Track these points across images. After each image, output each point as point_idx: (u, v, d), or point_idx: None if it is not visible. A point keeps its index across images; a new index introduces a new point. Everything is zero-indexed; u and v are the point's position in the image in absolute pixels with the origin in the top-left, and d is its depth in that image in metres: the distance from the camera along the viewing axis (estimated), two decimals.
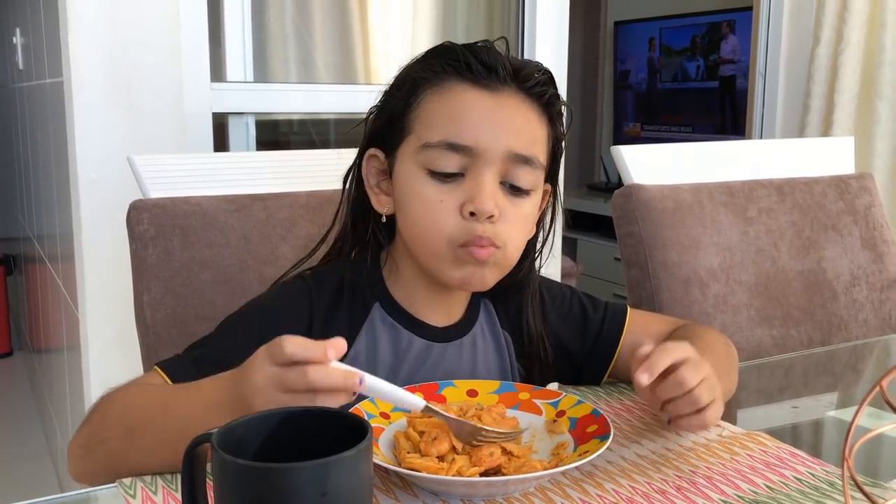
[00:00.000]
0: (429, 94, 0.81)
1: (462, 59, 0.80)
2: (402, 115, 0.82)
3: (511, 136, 0.79)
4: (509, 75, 0.80)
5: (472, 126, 0.78)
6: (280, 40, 1.93)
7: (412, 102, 0.82)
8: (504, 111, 0.80)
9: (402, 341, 0.88)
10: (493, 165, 0.79)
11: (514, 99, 0.81)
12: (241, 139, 1.82)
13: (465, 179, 0.79)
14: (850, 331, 1.38)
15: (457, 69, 0.80)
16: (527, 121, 0.81)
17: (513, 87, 0.81)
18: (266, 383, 0.63)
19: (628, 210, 1.27)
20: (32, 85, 2.32)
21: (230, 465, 0.49)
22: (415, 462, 0.69)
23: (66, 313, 1.99)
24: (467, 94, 0.80)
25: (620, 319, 0.96)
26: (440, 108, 0.80)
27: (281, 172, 1.17)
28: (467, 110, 0.79)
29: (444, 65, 0.81)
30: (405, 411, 0.80)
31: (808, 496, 0.71)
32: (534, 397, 0.84)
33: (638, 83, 4.18)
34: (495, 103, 0.80)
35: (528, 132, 0.81)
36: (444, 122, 0.79)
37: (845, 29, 2.27)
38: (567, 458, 0.73)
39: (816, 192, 1.42)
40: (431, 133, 0.79)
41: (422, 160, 0.80)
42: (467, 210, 0.78)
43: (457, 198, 0.79)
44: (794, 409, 0.99)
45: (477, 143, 0.78)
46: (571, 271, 2.84)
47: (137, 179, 1.09)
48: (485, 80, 0.79)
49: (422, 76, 0.81)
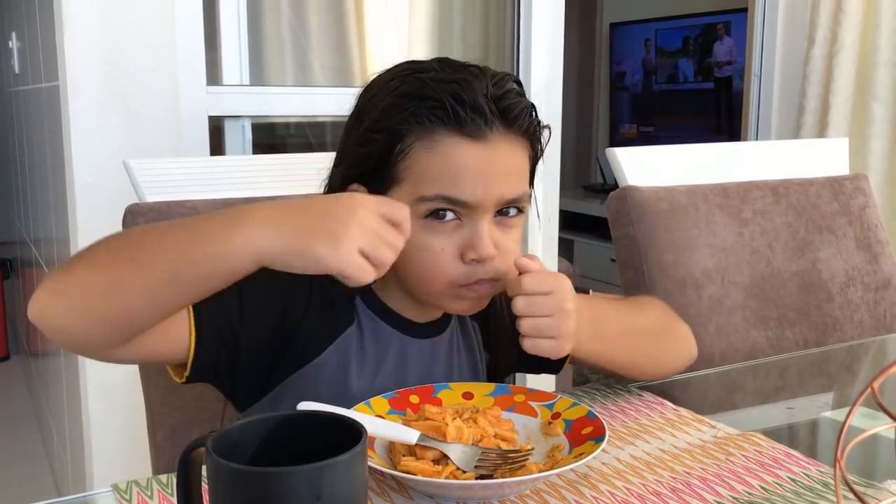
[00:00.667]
0: (417, 145, 0.79)
1: (448, 106, 0.78)
2: (387, 162, 0.81)
3: (503, 184, 0.80)
4: (495, 115, 0.79)
5: (468, 183, 0.78)
6: (276, 43, 1.93)
7: (398, 152, 0.80)
8: (496, 160, 0.80)
9: (384, 336, 0.88)
10: (488, 213, 0.81)
11: (502, 143, 0.80)
12: (238, 142, 1.82)
13: (462, 225, 0.81)
14: (845, 331, 1.39)
15: (443, 118, 0.78)
16: (515, 162, 0.82)
17: (499, 126, 0.80)
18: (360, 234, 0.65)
19: (623, 212, 1.27)
20: (29, 89, 2.32)
21: (224, 469, 0.49)
22: (410, 465, 0.69)
23: None
24: (460, 150, 0.78)
25: None
26: (433, 164, 0.79)
27: (277, 176, 1.17)
28: (462, 167, 0.78)
29: (428, 114, 0.78)
30: (400, 414, 0.80)
31: (802, 497, 0.71)
32: (529, 399, 0.84)
33: (634, 85, 4.18)
34: (487, 155, 0.79)
35: (517, 173, 0.82)
36: (439, 178, 0.79)
37: (840, 30, 2.27)
38: (562, 460, 0.74)
39: (811, 193, 1.42)
40: (426, 187, 0.79)
41: (417, 211, 0.79)
42: (469, 257, 0.80)
43: (456, 244, 0.80)
44: (789, 409, 0.99)
45: (474, 197, 0.79)
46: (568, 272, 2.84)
47: (133, 183, 1.10)
48: (473, 129, 0.78)
49: (406, 126, 0.79)
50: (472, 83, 0.79)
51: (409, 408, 0.81)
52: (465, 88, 0.78)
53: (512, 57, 2.13)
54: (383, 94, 0.82)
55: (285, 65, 1.96)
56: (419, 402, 0.82)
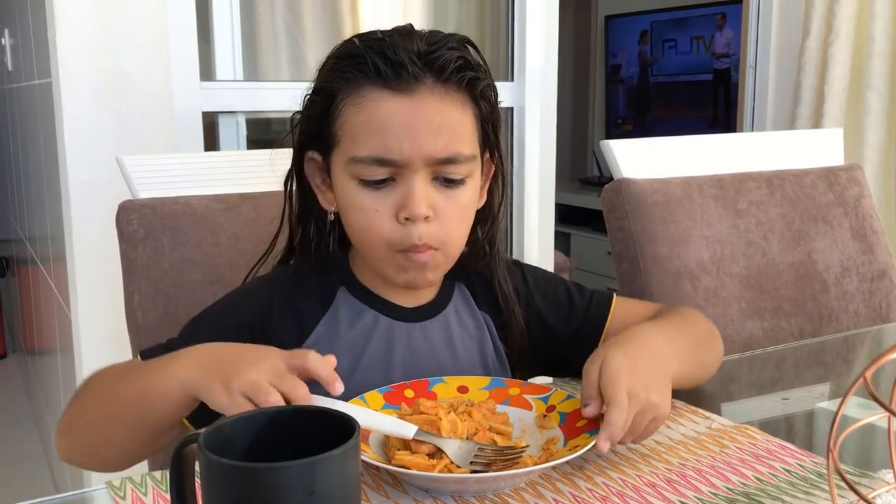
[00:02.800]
0: (347, 103, 0.81)
1: (370, 62, 0.78)
2: (325, 122, 0.83)
3: (432, 140, 0.79)
4: (421, 69, 0.79)
5: (393, 138, 0.78)
6: (270, 38, 1.92)
7: (333, 111, 0.82)
8: (421, 114, 0.79)
9: (367, 321, 0.88)
10: (419, 171, 0.80)
11: (431, 96, 0.79)
12: (232, 138, 1.82)
13: (396, 184, 0.81)
14: (840, 322, 1.39)
15: (367, 73, 0.79)
16: (446, 117, 0.80)
17: (428, 79, 0.79)
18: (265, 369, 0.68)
19: (618, 204, 1.27)
20: (22, 86, 2.31)
21: (217, 465, 0.49)
22: (405, 459, 0.69)
23: (58, 315, 1.98)
24: (384, 104, 0.79)
25: (606, 304, 0.97)
26: (361, 121, 0.80)
27: (270, 171, 1.17)
28: (386, 122, 0.79)
29: (354, 70, 0.80)
30: (395, 408, 0.80)
31: (797, 487, 0.71)
32: (524, 393, 0.84)
33: (629, 77, 4.18)
34: (412, 108, 0.78)
35: (448, 130, 0.80)
36: (368, 137, 0.79)
37: (835, 21, 2.27)
38: (557, 452, 0.74)
39: (806, 183, 1.42)
40: (357, 148, 0.80)
41: (352, 171, 0.81)
42: (402, 216, 0.80)
43: (391, 204, 0.81)
44: (784, 400, 0.99)
45: (401, 154, 0.79)
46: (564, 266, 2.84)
47: (126, 180, 1.09)
48: (397, 82, 0.78)
49: (336, 84, 0.81)
50: (398, 40, 0.80)
51: (404, 402, 0.81)
52: (390, 45, 0.80)
53: (507, 50, 2.13)
54: (326, 62, 0.85)
55: (279, 60, 1.95)
56: (414, 396, 0.81)
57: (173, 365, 0.73)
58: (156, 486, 0.71)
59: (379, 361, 0.88)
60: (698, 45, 3.78)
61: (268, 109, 1.94)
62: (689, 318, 0.93)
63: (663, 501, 0.69)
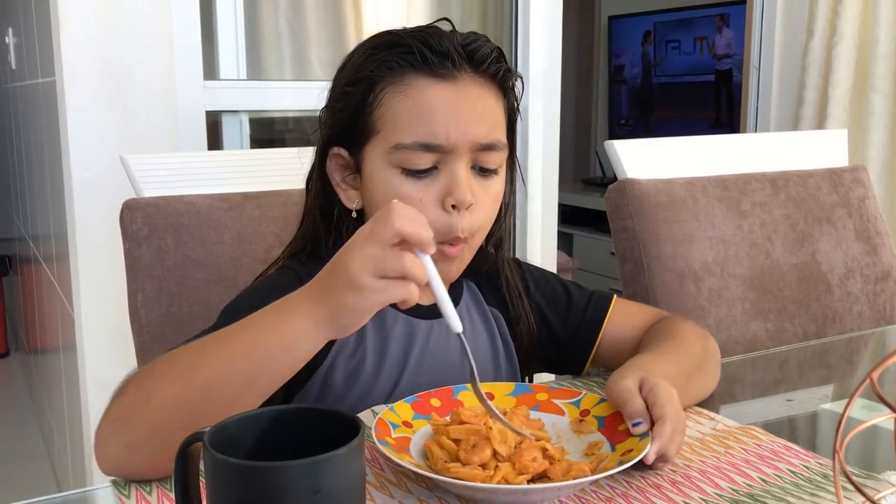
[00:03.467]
0: (389, 91, 0.81)
1: (416, 50, 0.80)
2: (362, 113, 0.83)
3: (475, 126, 0.81)
4: (463, 59, 0.81)
5: (440, 123, 0.80)
6: (273, 37, 1.92)
7: (372, 101, 0.82)
8: (466, 101, 0.81)
9: (389, 319, 0.88)
10: (464, 157, 0.81)
11: (472, 85, 0.82)
12: (235, 137, 1.82)
13: (439, 172, 0.81)
14: (844, 323, 1.39)
15: (411, 62, 0.81)
16: (487, 105, 0.83)
17: (468, 70, 0.82)
18: (361, 241, 0.64)
19: (622, 204, 1.27)
20: (25, 85, 2.31)
21: (221, 463, 0.49)
22: (460, 472, 0.67)
23: (61, 313, 1.99)
24: (430, 90, 0.80)
25: (604, 306, 0.97)
26: (405, 108, 0.80)
27: (274, 170, 1.17)
28: (433, 108, 0.80)
29: (398, 59, 0.81)
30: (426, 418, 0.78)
31: (802, 489, 0.71)
32: (553, 398, 0.82)
33: (632, 78, 4.17)
34: (456, 94, 0.81)
35: (489, 117, 0.83)
36: (413, 123, 0.80)
37: (839, 21, 2.27)
38: (610, 457, 0.72)
39: (810, 184, 1.42)
40: (401, 134, 0.80)
41: (395, 160, 0.81)
42: (448, 203, 0.81)
43: (435, 193, 0.81)
44: (788, 402, 0.99)
45: (448, 139, 0.80)
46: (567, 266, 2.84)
47: (130, 178, 1.09)
48: (441, 70, 0.80)
49: (377, 73, 0.81)
50: (441, 32, 0.82)
51: (434, 412, 0.79)
52: (434, 35, 0.81)
53: (510, 50, 2.13)
54: (357, 55, 0.85)
55: (283, 59, 1.95)
56: (441, 405, 0.80)
57: (283, 318, 0.66)
58: (160, 485, 0.70)
59: (398, 359, 0.88)
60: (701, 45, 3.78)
61: (271, 108, 1.94)
62: (685, 346, 0.90)
63: (668, 503, 0.68)
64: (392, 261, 0.63)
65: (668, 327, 0.94)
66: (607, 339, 0.95)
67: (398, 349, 0.88)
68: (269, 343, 0.67)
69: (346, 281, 0.64)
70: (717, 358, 0.95)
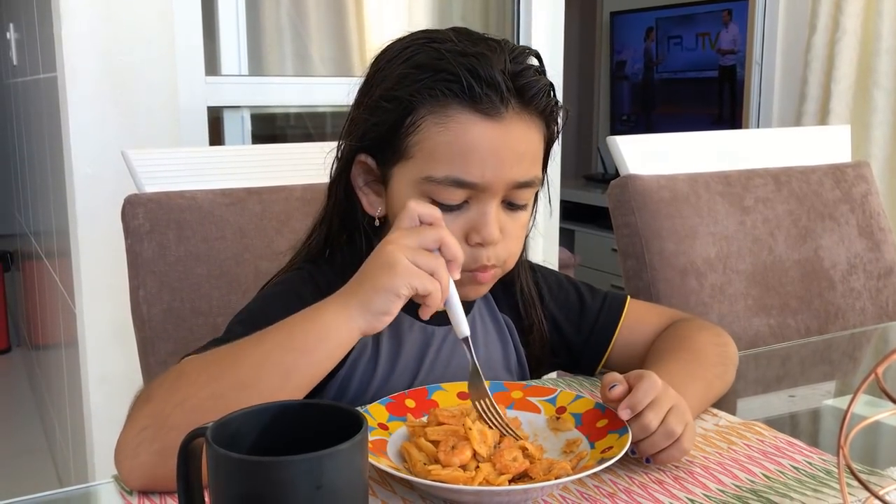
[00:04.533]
0: (429, 120, 0.76)
1: (465, 82, 0.75)
2: (396, 134, 0.78)
3: (515, 166, 0.77)
4: (511, 93, 0.76)
5: (478, 163, 0.76)
6: (275, 33, 1.92)
7: (409, 125, 0.77)
8: (509, 143, 0.76)
9: (404, 326, 0.87)
10: (497, 195, 0.78)
11: (517, 123, 0.77)
12: (237, 133, 1.82)
13: (468, 207, 0.79)
14: (847, 319, 1.38)
15: (456, 92, 0.75)
16: (529, 143, 0.79)
17: (515, 105, 0.77)
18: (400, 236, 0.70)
19: (624, 200, 1.26)
20: (27, 80, 2.31)
21: (224, 459, 0.48)
22: (441, 474, 0.66)
23: (63, 309, 1.99)
24: (473, 128, 0.75)
25: (618, 309, 0.96)
26: (444, 142, 0.76)
27: (276, 166, 1.17)
28: (474, 147, 0.76)
29: (443, 88, 0.75)
30: (401, 420, 0.78)
31: (805, 485, 0.71)
32: (528, 395, 0.82)
33: (634, 74, 4.17)
34: (500, 135, 0.76)
35: (530, 155, 0.79)
36: (450, 158, 0.76)
37: (842, 17, 2.26)
38: (590, 454, 0.72)
39: (813, 180, 1.42)
40: (436, 167, 0.76)
41: (425, 190, 0.78)
42: (474, 240, 0.79)
43: (461, 226, 0.79)
44: (791, 398, 0.99)
45: (483, 179, 0.76)
46: (569, 262, 2.84)
47: (132, 174, 1.09)
48: (488, 107, 0.75)
49: (418, 98, 0.76)
50: (490, 57, 0.76)
51: (409, 413, 0.79)
52: (482, 62, 0.75)
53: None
54: (397, 63, 0.79)
55: (284, 54, 1.95)
56: (416, 406, 0.79)
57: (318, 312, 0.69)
58: None
59: (412, 365, 0.87)
60: (704, 41, 3.77)
61: (273, 104, 1.93)
62: (700, 353, 0.88)
63: (671, 498, 0.68)
64: (426, 257, 0.69)
65: (684, 334, 0.92)
66: (620, 342, 0.95)
67: (411, 356, 0.88)
68: (305, 336, 0.69)
69: (380, 263, 0.69)
70: (734, 363, 0.93)
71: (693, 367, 0.86)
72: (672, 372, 0.81)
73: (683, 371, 0.83)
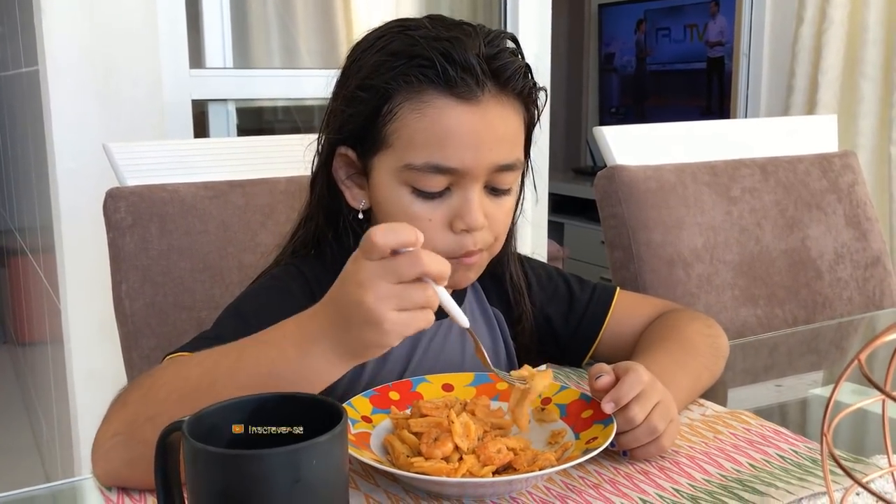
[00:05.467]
0: (405, 107, 0.76)
1: (438, 65, 0.74)
2: (374, 123, 0.78)
3: (495, 150, 0.77)
4: (487, 76, 0.75)
5: (457, 148, 0.75)
6: (261, 25, 1.91)
7: (386, 113, 0.77)
8: (486, 124, 0.76)
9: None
10: (479, 180, 0.78)
11: (494, 105, 0.76)
12: (222, 126, 1.80)
13: (451, 194, 0.78)
14: (834, 309, 1.38)
15: (432, 77, 0.74)
16: (508, 125, 0.78)
17: (491, 88, 0.76)
18: (374, 276, 0.59)
19: (611, 191, 1.26)
20: (9, 74, 2.29)
21: (201, 453, 0.48)
22: (424, 466, 0.66)
23: (48, 305, 1.97)
24: (450, 112, 0.75)
25: (607, 301, 0.95)
26: (421, 128, 0.75)
27: (259, 158, 1.16)
28: (452, 132, 0.75)
29: (418, 74, 0.75)
30: (385, 412, 0.77)
31: (791, 473, 0.71)
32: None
33: (623, 66, 4.16)
34: (477, 117, 0.75)
35: (509, 137, 0.79)
36: (428, 144, 0.75)
37: (829, 8, 2.26)
38: (574, 445, 0.71)
39: (800, 170, 1.42)
40: (414, 154, 0.76)
41: (405, 178, 0.77)
42: (459, 227, 0.78)
43: (445, 214, 0.78)
44: (778, 387, 0.99)
45: (463, 163, 0.76)
46: (558, 255, 2.84)
47: (113, 167, 1.08)
48: (464, 91, 0.74)
49: (393, 85, 0.76)
50: (464, 41, 0.75)
51: (393, 405, 0.78)
52: (457, 46, 0.75)
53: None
54: (372, 53, 0.78)
55: (270, 47, 1.94)
56: (400, 398, 0.79)
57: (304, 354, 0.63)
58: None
59: (402, 359, 0.87)
60: (692, 33, 3.77)
61: (258, 97, 1.92)
62: (689, 343, 0.88)
63: (656, 489, 0.68)
64: (416, 294, 0.60)
65: (673, 324, 0.91)
66: (608, 333, 0.95)
67: (402, 350, 0.87)
68: (289, 378, 0.63)
69: (364, 319, 0.60)
70: (724, 355, 0.93)
71: (682, 357, 0.85)
72: (660, 362, 0.81)
73: (672, 361, 0.83)
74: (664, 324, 0.92)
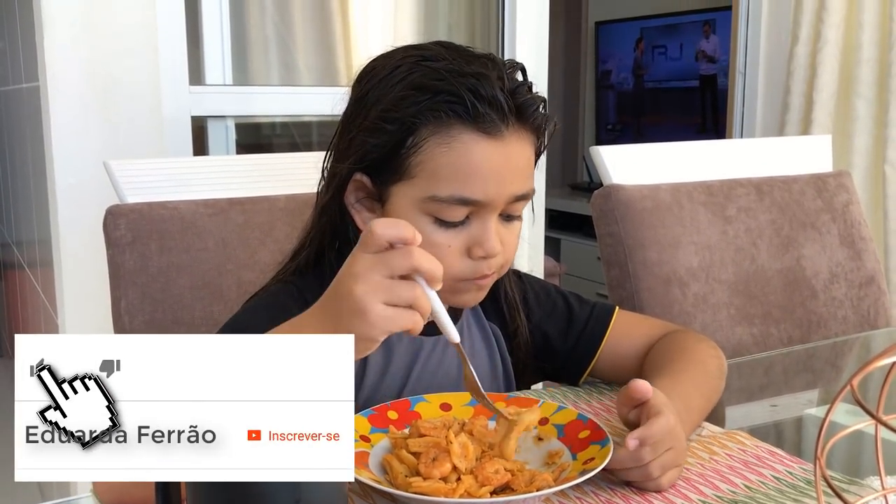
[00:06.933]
0: (431, 140, 0.77)
1: (468, 103, 0.76)
2: (397, 154, 0.79)
3: (515, 182, 0.80)
4: (511, 112, 0.78)
5: (482, 181, 0.77)
6: (260, 42, 1.92)
7: (410, 145, 0.78)
8: (510, 160, 0.79)
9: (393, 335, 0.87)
10: (497, 210, 0.80)
11: (515, 140, 0.79)
12: (221, 143, 1.81)
13: (470, 223, 0.80)
14: (829, 328, 1.39)
15: (459, 113, 0.76)
16: (526, 157, 0.81)
17: (513, 124, 0.79)
18: (367, 268, 0.62)
19: (608, 210, 1.27)
20: (9, 90, 2.30)
21: None
22: (422, 486, 0.66)
23: (45, 320, 1.97)
24: (476, 148, 0.77)
25: (606, 319, 0.96)
26: (448, 162, 0.77)
27: (258, 176, 1.16)
28: (478, 166, 0.77)
29: (446, 109, 0.76)
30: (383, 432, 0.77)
31: (786, 495, 0.71)
32: (510, 406, 0.81)
33: (619, 83, 4.19)
34: (502, 152, 0.78)
35: (527, 169, 0.82)
36: (454, 177, 0.77)
37: (823, 27, 2.28)
38: (572, 465, 0.72)
39: (795, 190, 1.43)
40: (439, 187, 0.78)
41: (428, 209, 0.79)
42: (477, 254, 0.80)
43: (464, 241, 0.80)
44: (773, 407, 0.99)
45: (486, 196, 0.78)
46: (554, 271, 2.84)
47: (114, 184, 1.09)
48: (490, 126, 0.77)
49: (421, 119, 0.77)
50: (489, 76, 0.77)
51: (391, 424, 0.78)
52: (483, 82, 0.77)
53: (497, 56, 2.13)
54: (392, 83, 0.79)
55: (269, 64, 1.95)
56: (398, 418, 0.79)
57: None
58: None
59: (401, 374, 0.87)
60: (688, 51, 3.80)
61: (257, 114, 1.93)
62: (701, 365, 0.89)
63: None
64: (403, 290, 0.62)
65: (685, 345, 0.92)
66: (606, 352, 0.95)
67: (400, 367, 0.88)
68: None
69: (352, 309, 0.62)
70: (725, 375, 0.93)
71: (699, 380, 0.87)
72: (680, 385, 0.82)
73: (691, 386, 0.84)
74: (675, 345, 0.92)
